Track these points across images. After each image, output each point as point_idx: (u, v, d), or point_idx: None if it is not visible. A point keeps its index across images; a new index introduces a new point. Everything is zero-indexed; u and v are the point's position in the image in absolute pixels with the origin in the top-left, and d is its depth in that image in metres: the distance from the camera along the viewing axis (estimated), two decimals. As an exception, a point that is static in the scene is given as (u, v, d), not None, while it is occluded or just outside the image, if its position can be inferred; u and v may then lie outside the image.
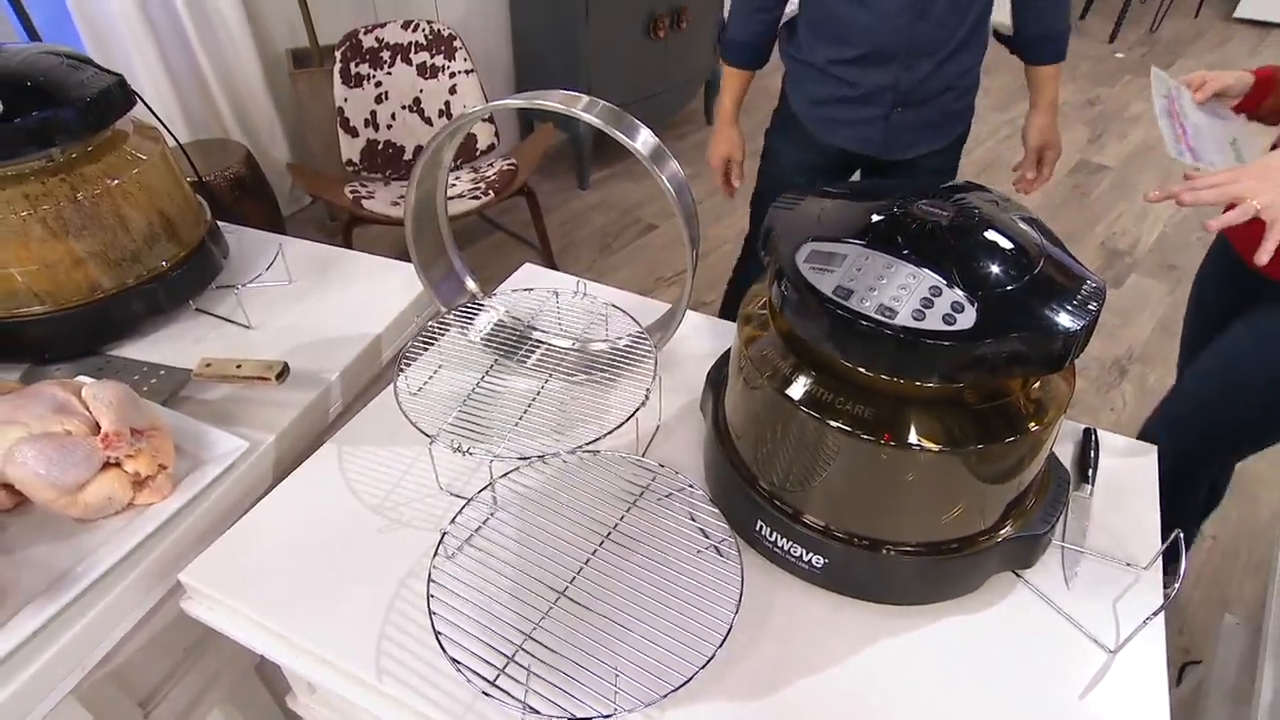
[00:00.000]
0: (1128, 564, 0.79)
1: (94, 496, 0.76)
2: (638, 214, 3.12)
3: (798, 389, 0.70)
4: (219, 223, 1.24)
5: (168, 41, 2.40)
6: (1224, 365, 1.20)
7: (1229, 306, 1.20)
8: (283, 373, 0.94)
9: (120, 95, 1.02)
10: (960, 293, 0.62)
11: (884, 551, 0.74)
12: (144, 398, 0.92)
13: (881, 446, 0.67)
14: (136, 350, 1.07)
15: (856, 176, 1.64)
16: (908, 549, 0.74)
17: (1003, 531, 0.76)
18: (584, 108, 0.82)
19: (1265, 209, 0.71)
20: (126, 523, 0.79)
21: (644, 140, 0.84)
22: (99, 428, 0.78)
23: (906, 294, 0.62)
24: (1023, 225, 0.70)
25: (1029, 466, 0.74)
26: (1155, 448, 0.93)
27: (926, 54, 1.32)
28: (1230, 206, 0.85)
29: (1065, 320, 0.61)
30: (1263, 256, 0.83)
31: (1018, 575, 0.79)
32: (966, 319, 0.61)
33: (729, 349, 0.91)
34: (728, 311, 1.83)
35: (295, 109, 2.73)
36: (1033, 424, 0.69)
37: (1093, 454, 0.91)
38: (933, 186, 0.72)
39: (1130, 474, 0.90)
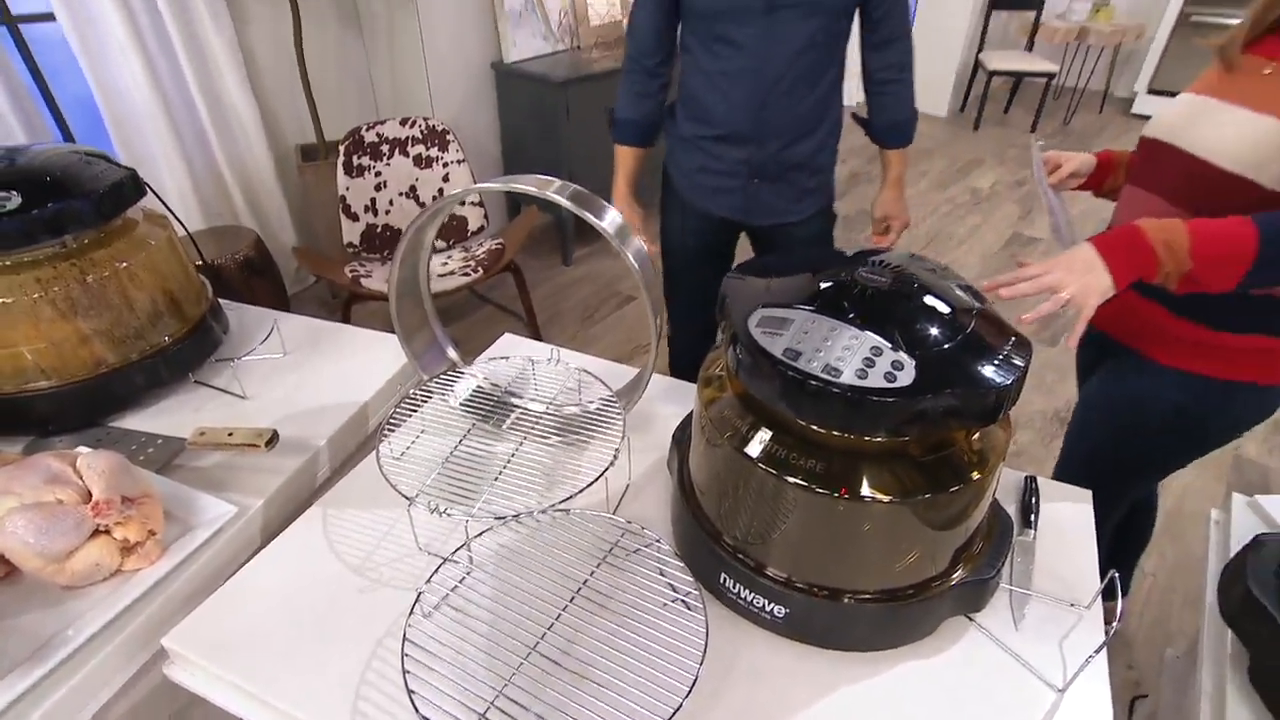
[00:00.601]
0: (1071, 604, 0.77)
1: (81, 564, 0.72)
2: (616, 287, 3.14)
3: (755, 447, 0.69)
4: (220, 300, 1.22)
5: (188, 138, 2.43)
6: (1082, 422, 1.21)
7: (1091, 362, 1.21)
8: (272, 440, 0.91)
9: (132, 187, 1.02)
10: (899, 353, 0.62)
11: (843, 600, 0.71)
12: (139, 466, 0.89)
13: (836, 499, 0.66)
14: (136, 420, 1.04)
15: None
16: (866, 597, 0.72)
17: (954, 576, 0.74)
18: (555, 190, 0.82)
19: (1072, 299, 0.71)
20: (113, 589, 0.76)
21: (610, 219, 0.84)
22: (91, 496, 0.75)
23: (850, 354, 0.62)
24: (957, 290, 0.70)
25: (974, 513, 0.72)
26: (1090, 493, 0.92)
27: (774, 136, 1.37)
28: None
29: (996, 376, 0.61)
30: (1072, 340, 0.84)
31: (969, 619, 0.77)
32: (906, 376, 0.60)
33: (691, 411, 0.90)
34: (676, 371, 1.83)
35: (302, 197, 2.76)
36: (975, 473, 0.68)
37: (1034, 500, 0.90)
38: (835, 255, 0.73)
39: (1069, 518, 0.89)
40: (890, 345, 0.62)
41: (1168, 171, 0.94)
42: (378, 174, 2.39)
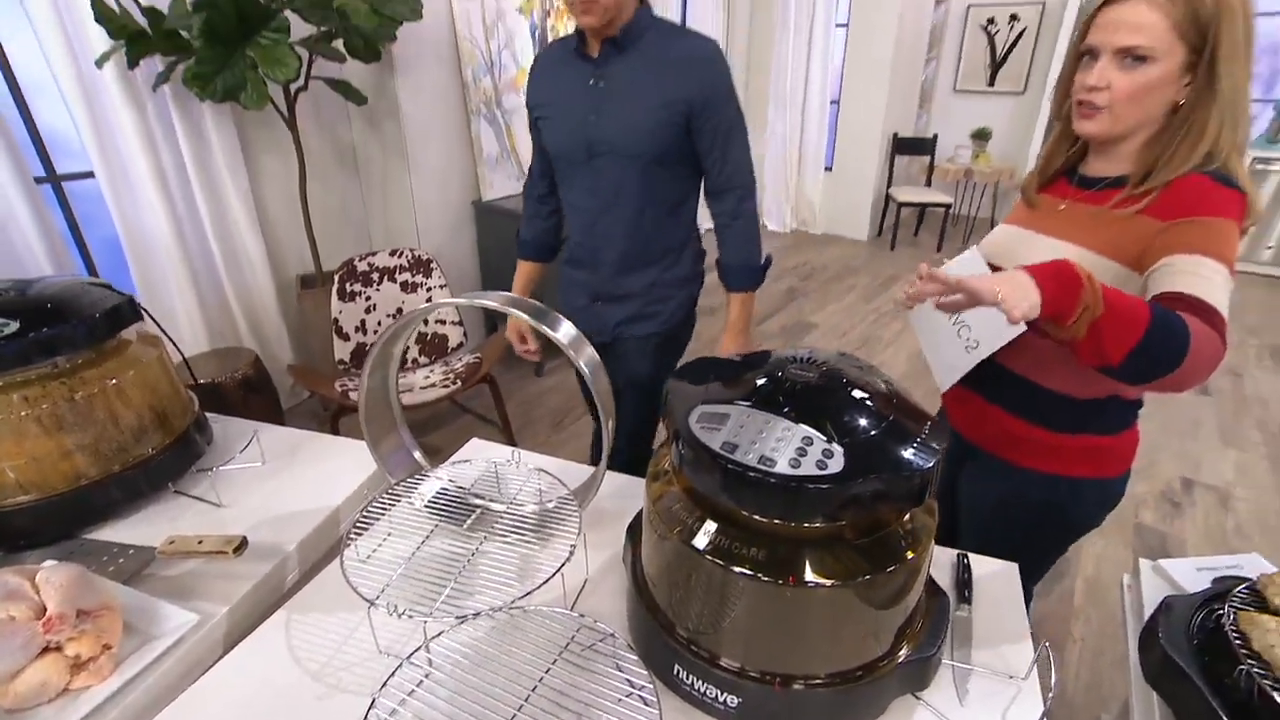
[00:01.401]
0: (1010, 676, 0.72)
1: (25, 685, 0.64)
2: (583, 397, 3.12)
3: (701, 539, 0.66)
4: (207, 413, 1.17)
5: (201, 272, 2.42)
6: (951, 517, 1.18)
7: (954, 461, 1.17)
8: (240, 546, 0.85)
9: (128, 311, 0.99)
10: (830, 442, 0.60)
11: (794, 686, 0.66)
12: (109, 577, 0.82)
13: (782, 586, 0.62)
14: (113, 531, 0.96)
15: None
16: (816, 681, 0.66)
17: (899, 655, 0.69)
18: (515, 304, 0.82)
19: (1004, 299, 0.63)
20: (59, 710, 0.66)
21: (565, 330, 0.83)
22: (47, 611, 0.68)
23: (784, 445, 0.60)
24: (880, 384, 0.69)
25: (912, 591, 0.68)
26: (1015, 565, 0.89)
27: (605, 265, 1.38)
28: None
29: (918, 460, 0.60)
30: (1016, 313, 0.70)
31: (917, 697, 0.71)
32: (836, 464, 0.59)
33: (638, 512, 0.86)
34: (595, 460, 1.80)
35: (299, 320, 2.74)
36: (909, 553, 0.65)
37: (967, 576, 0.86)
38: (801, 355, 0.72)
39: (1001, 591, 0.85)
40: (821, 435, 0.60)
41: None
42: (368, 298, 2.39)
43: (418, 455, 1.01)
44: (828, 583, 0.62)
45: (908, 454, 0.60)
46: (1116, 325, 0.67)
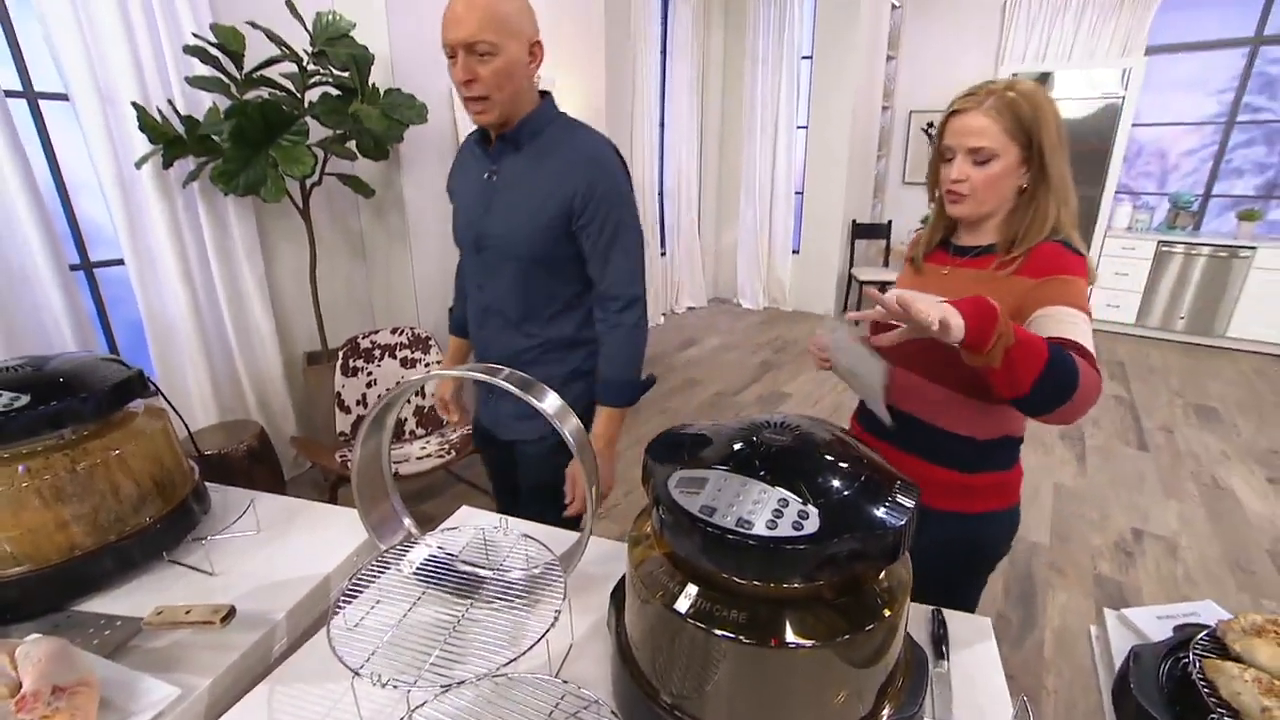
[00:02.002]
0: (991, 740, 0.67)
1: (-8, 766, 0.57)
2: (575, 461, 3.07)
3: (683, 602, 0.62)
4: (207, 483, 1.12)
5: (214, 350, 2.40)
6: None
7: None
8: (228, 616, 0.79)
9: (137, 385, 0.96)
10: (805, 504, 0.58)
11: (778, 754, 0.61)
12: (93, 650, 0.75)
13: (763, 648, 0.58)
14: (103, 601, 0.89)
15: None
16: (799, 748, 0.61)
17: (882, 715, 0.65)
18: (504, 377, 0.81)
19: (938, 318, 0.70)
20: (25, 794, 0.60)
21: (550, 401, 0.82)
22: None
23: (760, 508, 0.58)
24: (849, 446, 0.68)
25: (891, 649, 0.65)
26: (989, 620, 0.85)
27: (494, 359, 1.24)
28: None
29: (890, 518, 0.58)
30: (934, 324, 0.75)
31: (901, 765, 0.66)
32: (812, 525, 0.56)
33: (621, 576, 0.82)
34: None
35: (305, 394, 2.69)
36: (886, 610, 0.62)
37: (943, 631, 0.82)
38: (778, 420, 0.70)
39: (976, 645, 0.81)
40: (796, 497, 0.58)
41: (905, 344, 0.99)
42: (369, 374, 2.36)
43: (408, 522, 0.97)
44: (808, 643, 0.59)
45: (880, 512, 0.58)
46: (1025, 354, 0.74)
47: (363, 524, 0.91)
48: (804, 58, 4.86)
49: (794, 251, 5.47)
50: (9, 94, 1.78)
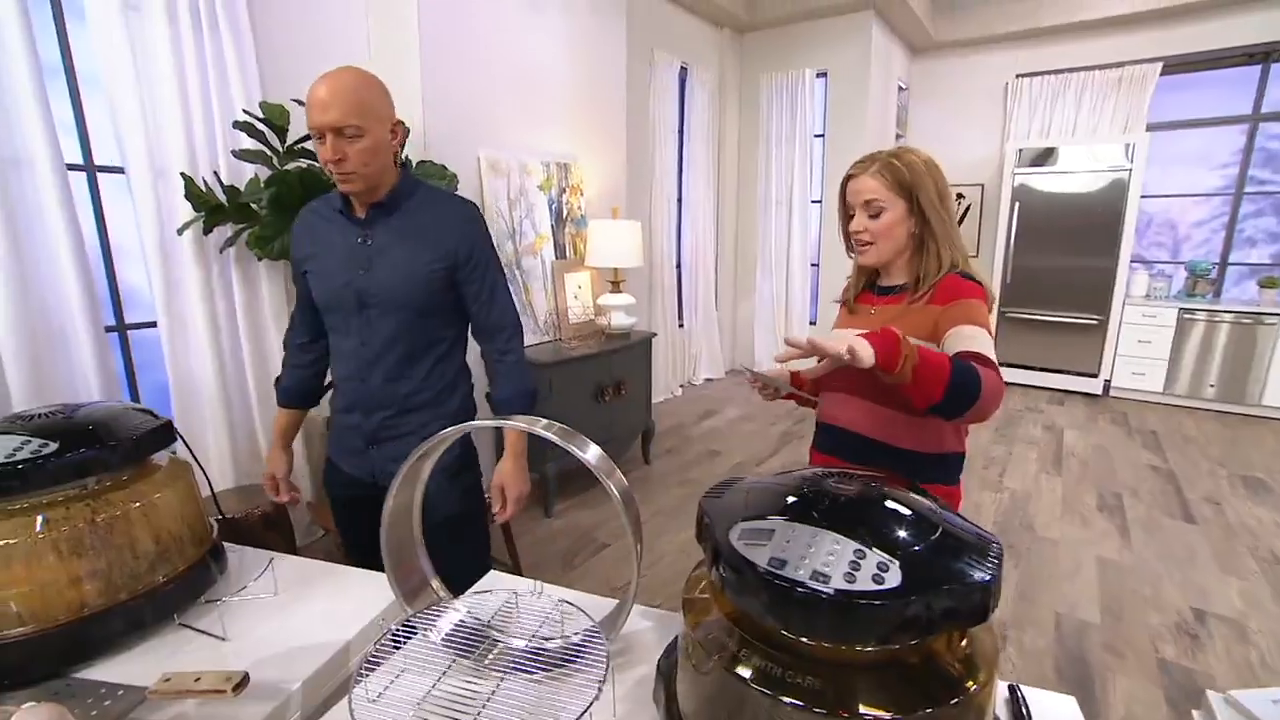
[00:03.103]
0: None
1: None
2: (594, 535, 2.95)
3: (746, 667, 0.56)
4: (224, 543, 1.07)
5: (236, 411, 2.39)
6: None
7: None
8: (241, 684, 0.72)
9: (163, 435, 0.94)
10: (882, 555, 0.52)
11: None
12: (90, 723, 0.69)
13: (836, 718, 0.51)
14: (107, 668, 0.83)
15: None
16: None
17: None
18: (544, 427, 0.77)
19: (851, 351, 0.84)
20: None
21: (593, 453, 0.78)
22: (15, 762, 0.55)
23: (835, 560, 0.52)
24: (918, 497, 0.63)
25: (979, 734, 0.57)
26: (1073, 698, 0.76)
27: (379, 408, 1.31)
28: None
29: (979, 573, 0.52)
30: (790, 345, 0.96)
31: None
32: (893, 578, 0.51)
33: (675, 638, 0.75)
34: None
35: (322, 459, 2.65)
36: (971, 683, 0.54)
37: (1025, 710, 0.73)
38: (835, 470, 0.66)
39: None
40: (873, 550, 0.53)
41: (848, 376, 1.16)
42: (392, 435, 2.33)
43: (436, 584, 0.90)
44: (887, 716, 0.52)
45: (970, 568, 0.52)
46: (930, 368, 0.87)
47: (390, 584, 0.85)
48: (816, 136, 5.05)
49: (811, 322, 5.48)
50: (71, 167, 1.88)
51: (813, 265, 5.36)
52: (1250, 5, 4.42)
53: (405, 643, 0.80)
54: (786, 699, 0.52)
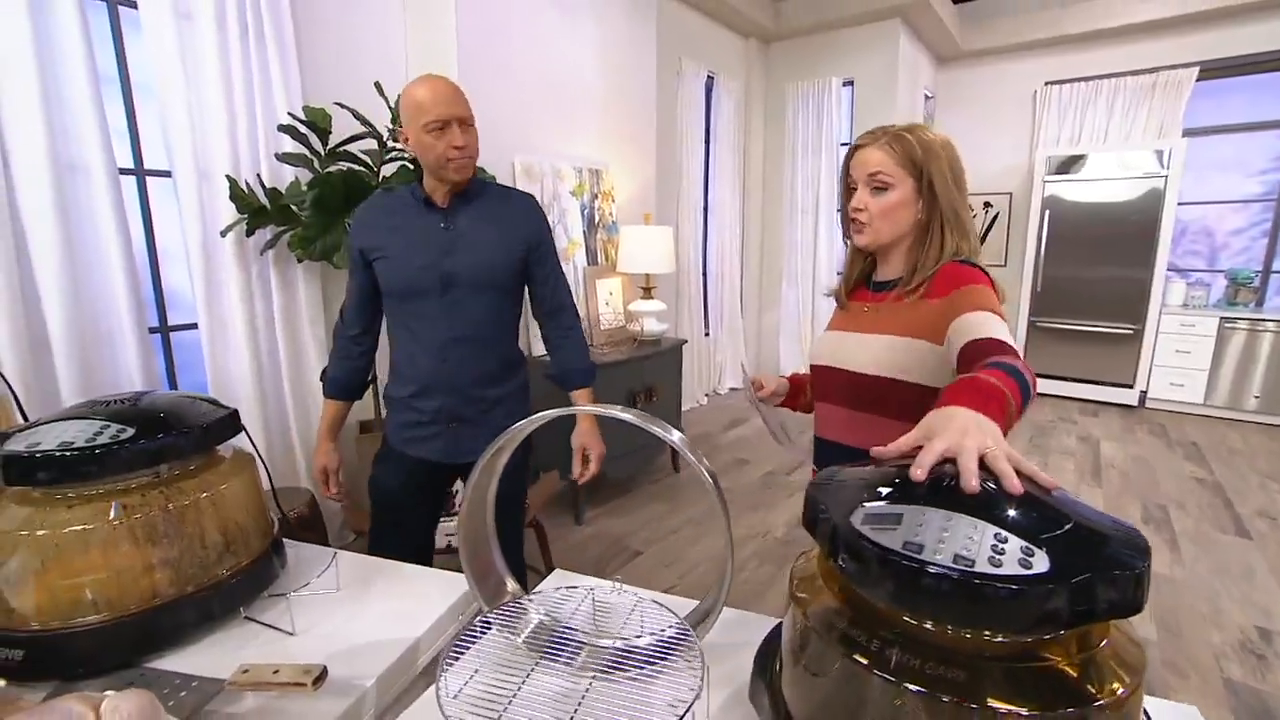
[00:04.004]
0: None
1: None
2: (625, 543, 2.92)
3: (875, 659, 0.52)
4: (283, 538, 1.05)
5: (272, 414, 2.39)
6: None
7: None
8: (320, 677, 0.70)
9: (230, 424, 0.93)
10: (1023, 540, 0.49)
11: None
12: (169, 712, 0.67)
13: (977, 710, 0.48)
14: (176, 660, 0.81)
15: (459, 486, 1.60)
16: None
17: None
18: (622, 411, 0.75)
19: (948, 449, 0.58)
20: None
21: (677, 436, 0.75)
22: (109, 749, 0.53)
23: (975, 544, 0.49)
24: (1041, 485, 0.59)
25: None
26: (1195, 708, 0.71)
27: (461, 388, 1.39)
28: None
29: (1131, 560, 0.48)
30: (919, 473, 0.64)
31: None
32: (1040, 563, 0.47)
33: (768, 636, 0.72)
34: None
35: (355, 463, 2.65)
36: (1116, 685, 0.50)
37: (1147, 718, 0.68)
38: None
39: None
40: (1014, 534, 0.50)
41: (839, 385, 1.08)
42: (428, 439, 2.32)
43: (511, 583, 0.88)
44: (1024, 712, 0.48)
45: (1117, 555, 0.49)
46: (1020, 404, 0.71)
47: (467, 580, 0.83)
48: (842, 144, 5.03)
49: (836, 330, 5.42)
50: (122, 171, 1.90)
51: (838, 274, 5.32)
52: (1288, 9, 4.35)
53: (479, 639, 0.77)
54: (926, 690, 0.49)
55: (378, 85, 2.21)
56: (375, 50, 2.55)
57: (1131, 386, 4.77)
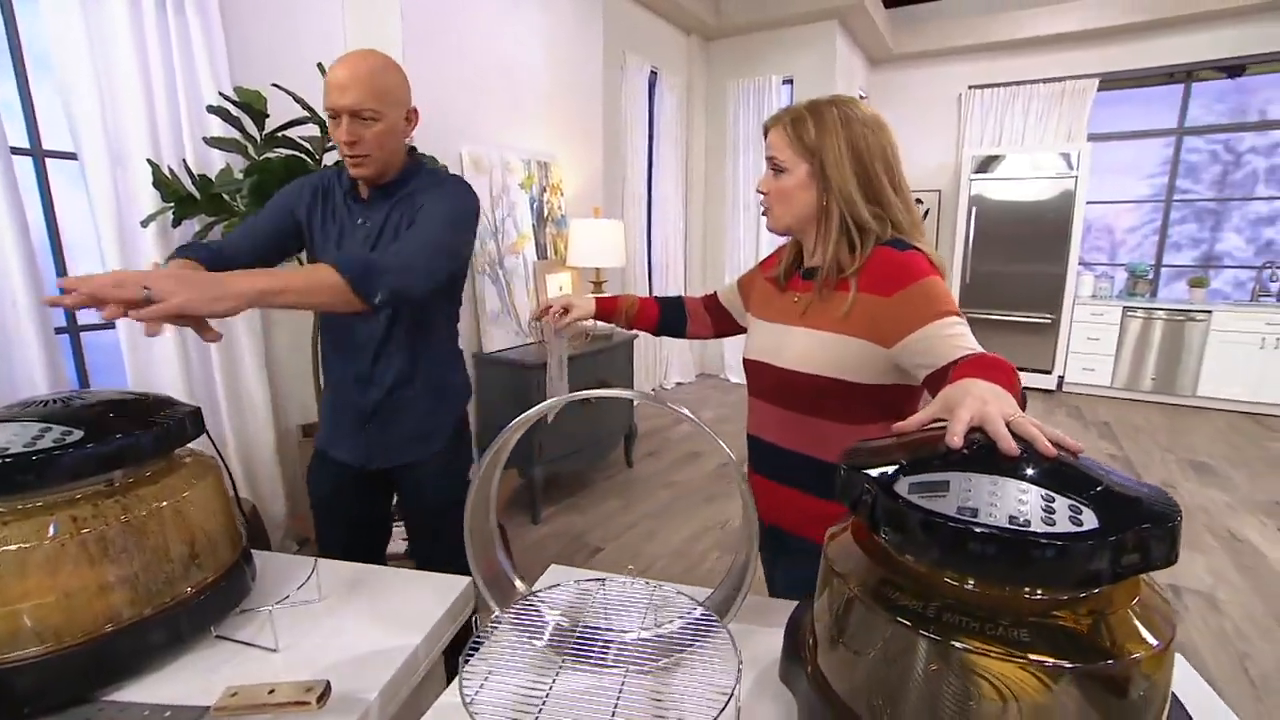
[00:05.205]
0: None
1: None
2: (584, 540, 2.88)
3: (941, 628, 0.52)
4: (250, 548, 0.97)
5: (205, 417, 2.20)
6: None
7: (772, 555, 1.11)
8: (324, 694, 0.64)
9: (192, 424, 0.84)
10: (1070, 499, 0.50)
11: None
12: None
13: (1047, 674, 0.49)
14: (140, 690, 0.72)
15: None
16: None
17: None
18: (636, 396, 0.72)
19: (975, 418, 0.60)
20: None
21: (691, 410, 0.74)
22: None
23: (1026, 506, 0.50)
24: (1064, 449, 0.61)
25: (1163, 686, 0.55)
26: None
27: (376, 384, 1.27)
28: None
29: (1168, 512, 0.50)
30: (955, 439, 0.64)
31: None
32: (1090, 520, 0.49)
33: (792, 616, 0.71)
34: None
35: (297, 469, 2.49)
36: (1155, 639, 0.53)
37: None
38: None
39: None
40: (1058, 493, 0.51)
41: (771, 383, 1.02)
42: (380, 441, 2.20)
43: (518, 582, 0.83)
44: (1068, 664, 0.49)
45: (1154, 509, 0.51)
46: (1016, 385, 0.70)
47: (476, 582, 0.78)
48: (781, 143, 5.16)
49: (778, 323, 5.56)
50: (15, 151, 1.70)
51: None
52: (1173, 28, 4.80)
53: (496, 641, 0.73)
54: (988, 650, 0.49)
55: (321, 66, 2.08)
56: (314, 29, 2.39)
57: (1050, 372, 5.14)
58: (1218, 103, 5.00)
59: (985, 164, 5.09)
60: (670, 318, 1.32)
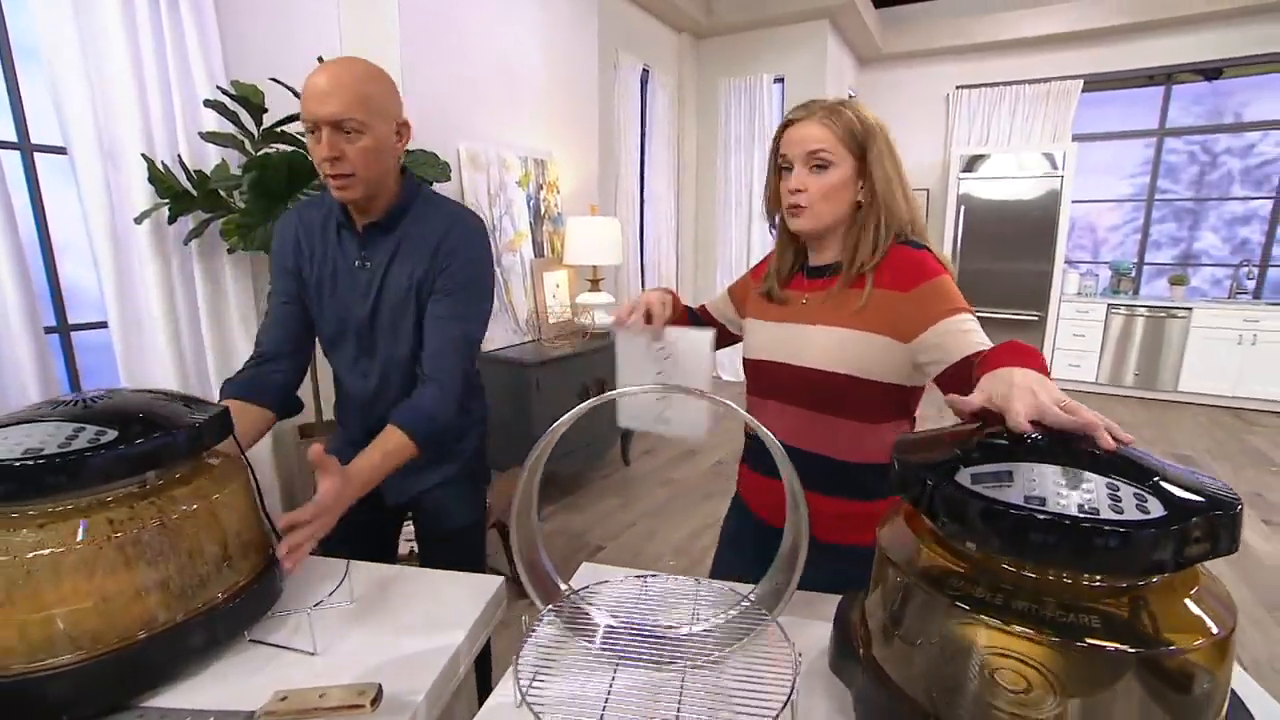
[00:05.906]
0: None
1: None
2: (585, 539, 2.87)
3: (1002, 615, 0.52)
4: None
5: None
6: None
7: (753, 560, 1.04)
8: (377, 698, 0.63)
9: (222, 424, 0.82)
10: (1134, 487, 0.51)
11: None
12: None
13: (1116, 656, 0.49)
14: (177, 695, 0.71)
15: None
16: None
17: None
18: (665, 391, 0.72)
19: (1030, 410, 0.60)
20: None
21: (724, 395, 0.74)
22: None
23: (1093, 495, 0.51)
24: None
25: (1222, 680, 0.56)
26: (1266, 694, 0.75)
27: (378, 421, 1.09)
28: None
29: (1230, 499, 0.52)
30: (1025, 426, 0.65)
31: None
32: (1155, 508, 0.50)
33: (840, 607, 0.72)
34: None
35: (295, 469, 2.45)
36: (1216, 626, 0.54)
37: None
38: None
39: None
40: (1124, 482, 0.52)
41: (788, 383, 0.99)
42: (381, 442, 2.18)
43: (560, 582, 0.83)
44: (1130, 649, 0.50)
45: (1215, 495, 0.52)
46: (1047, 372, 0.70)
47: (525, 583, 0.78)
48: (772, 141, 5.18)
49: (769, 322, 5.59)
50: (2, 145, 1.65)
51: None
52: (1154, 31, 4.91)
53: (544, 641, 0.72)
54: (1056, 636, 0.50)
55: (321, 60, 2.04)
56: (310, 24, 2.36)
57: (1035, 368, 5.23)
58: (1195, 105, 5.13)
59: (972, 163, 5.17)
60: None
